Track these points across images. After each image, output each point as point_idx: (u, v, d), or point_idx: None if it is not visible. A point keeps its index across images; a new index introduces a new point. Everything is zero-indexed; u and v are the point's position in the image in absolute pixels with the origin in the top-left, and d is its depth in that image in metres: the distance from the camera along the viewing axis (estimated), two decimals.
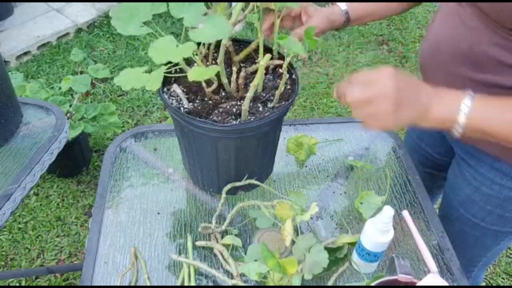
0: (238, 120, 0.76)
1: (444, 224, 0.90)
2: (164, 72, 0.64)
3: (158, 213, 0.90)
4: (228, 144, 0.79)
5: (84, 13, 2.83)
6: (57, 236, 1.76)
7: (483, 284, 1.68)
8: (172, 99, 0.79)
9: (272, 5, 0.76)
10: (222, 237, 0.84)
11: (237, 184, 0.89)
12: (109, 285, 0.79)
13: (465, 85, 0.79)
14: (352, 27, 2.93)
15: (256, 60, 0.85)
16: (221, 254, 0.82)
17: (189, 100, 0.80)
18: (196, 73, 0.64)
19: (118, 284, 0.78)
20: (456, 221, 0.93)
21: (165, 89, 0.81)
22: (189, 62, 0.81)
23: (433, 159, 1.07)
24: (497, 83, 0.75)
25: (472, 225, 0.93)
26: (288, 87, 0.83)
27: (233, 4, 0.74)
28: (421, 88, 0.65)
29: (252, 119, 0.76)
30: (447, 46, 0.81)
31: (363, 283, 0.79)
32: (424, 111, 0.65)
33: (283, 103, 0.80)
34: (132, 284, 0.79)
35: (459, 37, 0.78)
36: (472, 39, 0.75)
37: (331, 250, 0.80)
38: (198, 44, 0.75)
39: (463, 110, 0.63)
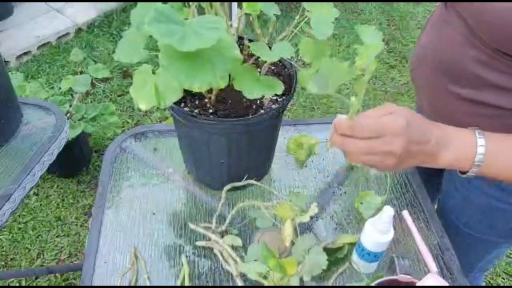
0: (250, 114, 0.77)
1: None
2: None
3: (158, 213, 0.90)
4: (241, 138, 0.80)
5: (84, 13, 2.83)
6: (57, 236, 1.76)
7: (483, 283, 1.68)
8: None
9: None
10: (222, 237, 0.84)
11: (237, 184, 0.89)
12: (109, 285, 0.79)
13: (446, 98, 0.79)
14: (352, 27, 2.93)
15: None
16: (221, 254, 0.82)
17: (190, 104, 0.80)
18: None
19: (118, 284, 0.78)
20: (448, 227, 0.93)
21: None
22: None
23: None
24: (477, 98, 0.74)
25: (463, 233, 0.93)
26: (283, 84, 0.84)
27: (233, 4, 0.74)
28: (429, 134, 0.61)
29: (261, 112, 0.76)
30: (431, 57, 0.81)
31: (363, 283, 0.79)
32: (431, 159, 0.62)
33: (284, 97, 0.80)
34: (132, 284, 0.79)
35: (443, 50, 0.78)
36: (455, 53, 0.75)
37: (331, 250, 0.80)
38: None
39: (477, 163, 0.61)
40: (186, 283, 0.78)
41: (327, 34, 0.67)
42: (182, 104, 0.78)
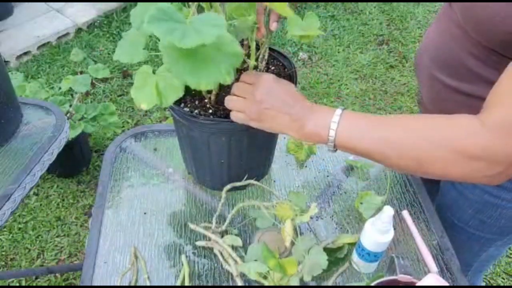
0: None
1: None
2: None
3: (158, 213, 0.90)
4: (241, 138, 0.80)
5: (84, 13, 2.83)
6: (57, 236, 1.76)
7: (483, 284, 1.68)
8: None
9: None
10: (222, 237, 0.84)
11: (237, 184, 0.89)
12: (109, 285, 0.79)
13: (443, 91, 0.80)
14: (352, 27, 2.93)
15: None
16: (221, 254, 0.82)
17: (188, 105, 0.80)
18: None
19: (118, 284, 0.78)
20: (444, 224, 0.93)
21: None
22: None
23: None
24: (473, 93, 0.75)
25: (458, 229, 0.93)
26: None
27: None
28: (295, 100, 0.68)
29: None
30: (431, 50, 0.82)
31: (363, 283, 0.79)
32: (297, 124, 0.67)
33: None
34: (132, 284, 0.79)
35: (442, 43, 0.79)
36: (453, 47, 0.76)
37: (331, 250, 0.80)
38: None
39: (332, 128, 0.65)
40: (186, 283, 0.78)
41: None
42: (182, 104, 0.78)
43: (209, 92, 0.79)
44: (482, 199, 0.85)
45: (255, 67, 0.81)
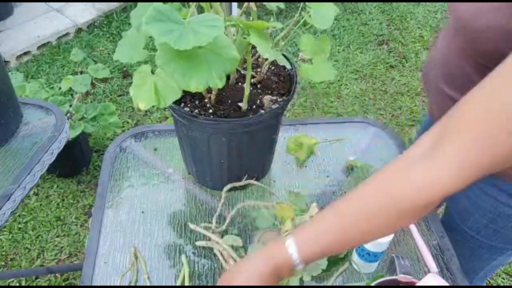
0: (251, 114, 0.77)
1: None
2: None
3: (158, 213, 0.90)
4: (241, 138, 0.80)
5: (84, 13, 2.83)
6: (57, 236, 1.76)
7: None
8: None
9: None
10: (222, 237, 0.84)
11: (237, 184, 0.89)
12: (109, 285, 0.79)
13: (450, 106, 0.80)
14: (352, 27, 2.93)
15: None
16: (221, 254, 0.82)
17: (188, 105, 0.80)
18: None
19: (118, 284, 0.78)
20: (454, 231, 0.92)
21: None
22: None
23: None
24: None
25: (468, 237, 0.92)
26: (282, 84, 0.84)
27: (233, 4, 0.74)
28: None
29: (262, 112, 0.76)
30: (439, 64, 0.81)
31: (363, 283, 0.79)
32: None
33: (284, 98, 0.81)
34: (132, 284, 0.79)
35: (449, 56, 0.78)
36: (459, 61, 0.75)
37: None
38: None
39: (292, 254, 0.59)
40: (186, 283, 0.78)
41: (327, 24, 0.68)
42: (182, 104, 0.78)
43: (209, 92, 0.79)
44: (496, 209, 0.84)
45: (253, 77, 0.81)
